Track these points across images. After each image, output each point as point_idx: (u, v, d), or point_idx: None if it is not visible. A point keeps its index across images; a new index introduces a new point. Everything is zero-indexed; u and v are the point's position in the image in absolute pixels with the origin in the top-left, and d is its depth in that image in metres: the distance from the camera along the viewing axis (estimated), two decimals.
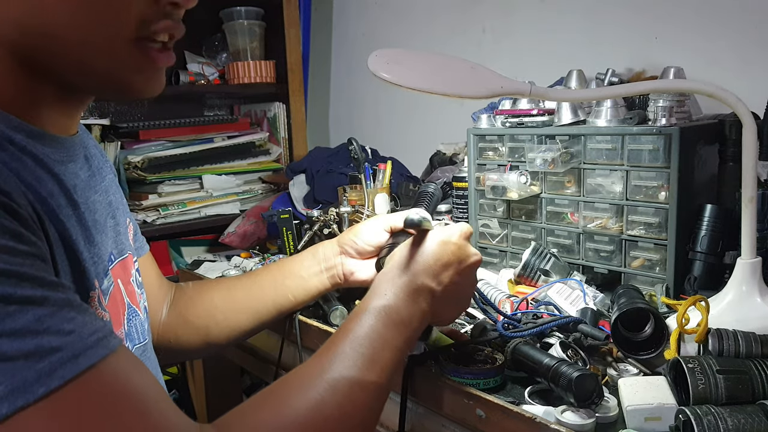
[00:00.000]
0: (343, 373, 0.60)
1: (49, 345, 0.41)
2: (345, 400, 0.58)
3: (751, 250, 0.85)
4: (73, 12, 0.53)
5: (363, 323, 0.66)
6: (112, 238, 0.71)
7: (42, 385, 0.40)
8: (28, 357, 0.40)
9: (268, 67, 2.09)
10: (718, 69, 1.35)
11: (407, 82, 0.87)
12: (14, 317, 0.41)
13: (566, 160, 1.08)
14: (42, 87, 0.57)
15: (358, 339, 0.64)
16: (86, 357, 0.43)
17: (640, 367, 0.82)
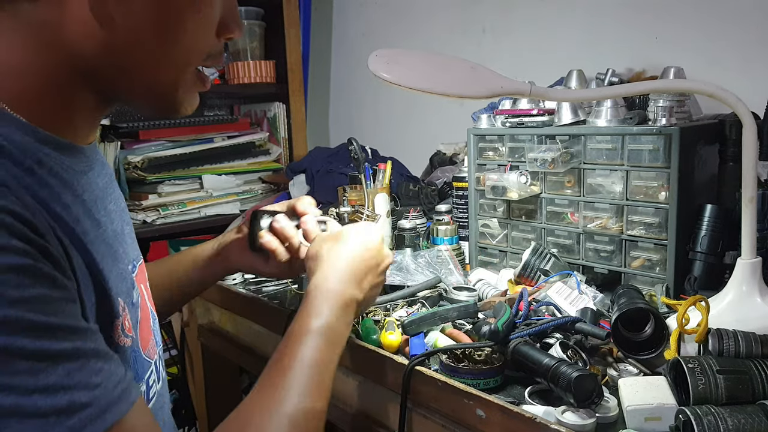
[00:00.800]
0: (299, 406, 0.63)
1: (80, 401, 0.43)
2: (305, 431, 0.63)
3: (752, 250, 0.85)
4: (156, 46, 0.58)
5: (309, 346, 0.69)
6: (130, 245, 0.72)
7: None
8: (60, 414, 0.42)
9: (268, 67, 2.09)
10: (718, 69, 1.35)
11: (407, 82, 0.87)
12: (47, 373, 0.42)
13: (566, 160, 1.08)
14: (86, 99, 0.60)
15: (307, 366, 0.67)
16: (111, 413, 0.45)
17: (641, 367, 0.82)
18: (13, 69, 0.54)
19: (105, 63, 0.57)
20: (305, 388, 0.65)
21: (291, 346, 0.68)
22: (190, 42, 0.60)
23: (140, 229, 1.79)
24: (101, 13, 0.54)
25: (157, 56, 0.59)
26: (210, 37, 0.62)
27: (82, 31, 0.55)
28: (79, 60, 0.56)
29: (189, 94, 0.64)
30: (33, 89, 0.55)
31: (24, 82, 0.55)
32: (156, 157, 1.83)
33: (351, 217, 1.36)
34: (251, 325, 1.29)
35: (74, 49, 0.55)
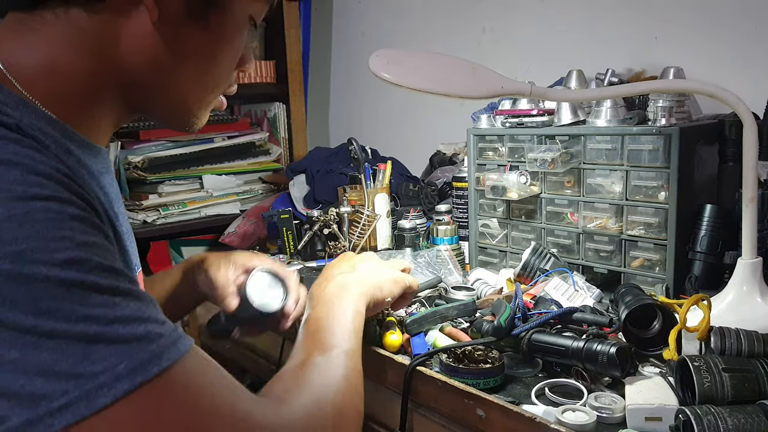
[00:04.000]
0: (345, 347, 0.72)
1: (155, 331, 0.47)
2: (349, 368, 0.70)
3: (752, 250, 0.85)
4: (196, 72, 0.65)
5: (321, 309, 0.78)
6: (133, 251, 0.74)
7: (155, 365, 0.45)
8: (140, 340, 0.45)
9: (268, 67, 2.09)
10: (718, 69, 1.35)
11: (408, 82, 0.87)
12: (122, 306, 0.46)
13: (566, 160, 1.08)
14: (115, 107, 0.63)
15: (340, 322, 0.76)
16: (182, 343, 0.49)
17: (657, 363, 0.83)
18: (53, 68, 0.57)
19: (146, 79, 0.62)
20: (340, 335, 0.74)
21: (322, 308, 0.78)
22: (222, 71, 0.68)
23: (140, 229, 1.79)
24: (160, 34, 0.59)
25: (194, 80, 0.65)
26: (233, 69, 0.70)
27: (137, 49, 0.59)
28: (121, 71, 0.60)
29: (205, 114, 0.71)
30: (69, 90, 0.58)
31: (62, 82, 0.58)
32: (156, 157, 1.83)
33: (351, 217, 1.37)
34: None
35: (121, 61, 0.60)
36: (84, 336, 0.43)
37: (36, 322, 0.42)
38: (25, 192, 0.45)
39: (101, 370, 0.43)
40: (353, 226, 1.36)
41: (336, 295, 0.80)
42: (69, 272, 0.44)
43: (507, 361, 0.85)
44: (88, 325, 0.43)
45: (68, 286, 0.43)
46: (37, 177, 0.46)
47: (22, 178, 0.45)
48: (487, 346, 0.87)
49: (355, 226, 1.36)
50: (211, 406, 0.48)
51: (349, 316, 0.77)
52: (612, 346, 0.76)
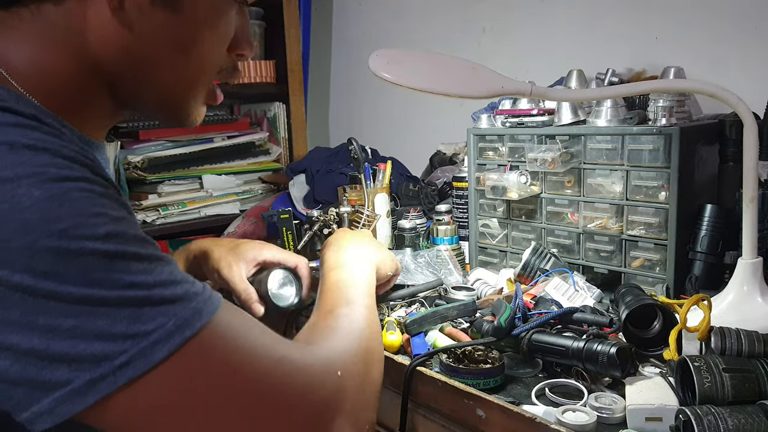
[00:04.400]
0: (364, 303, 0.78)
1: (192, 290, 0.50)
2: (375, 319, 0.77)
3: (752, 250, 0.85)
4: (172, 57, 0.61)
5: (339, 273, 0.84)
6: None
7: (198, 320, 0.49)
8: (182, 300, 0.49)
9: (268, 67, 2.09)
10: (718, 69, 1.35)
11: (408, 82, 0.87)
12: (159, 272, 0.49)
13: (566, 160, 1.08)
14: (104, 103, 0.63)
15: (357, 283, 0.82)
16: (215, 298, 0.52)
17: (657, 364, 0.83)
18: (39, 65, 0.57)
19: (122, 69, 0.60)
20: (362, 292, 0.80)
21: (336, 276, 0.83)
22: (203, 56, 0.64)
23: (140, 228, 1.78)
24: (122, 20, 0.58)
25: (171, 66, 0.62)
26: (222, 53, 0.66)
27: (103, 37, 0.58)
28: (99, 64, 0.59)
29: (199, 106, 0.67)
30: (58, 86, 0.58)
31: (50, 78, 0.58)
32: (156, 157, 1.83)
33: (351, 217, 1.36)
34: None
35: (95, 54, 0.59)
36: (132, 301, 0.47)
37: (88, 292, 0.45)
38: (57, 173, 0.47)
39: (153, 328, 0.47)
40: (353, 226, 1.36)
41: (352, 260, 0.87)
42: (110, 245, 0.47)
43: (507, 362, 0.85)
44: (135, 291, 0.47)
45: (111, 257, 0.47)
46: (64, 160, 0.48)
47: (52, 161, 0.48)
48: (487, 347, 0.87)
49: (355, 226, 1.36)
50: (252, 350, 0.52)
51: (365, 279, 0.84)
52: (612, 347, 0.76)
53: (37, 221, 0.44)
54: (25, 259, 0.44)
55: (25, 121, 0.49)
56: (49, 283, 0.44)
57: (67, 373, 0.44)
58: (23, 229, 0.44)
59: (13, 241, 0.44)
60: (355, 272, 0.85)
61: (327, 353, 0.61)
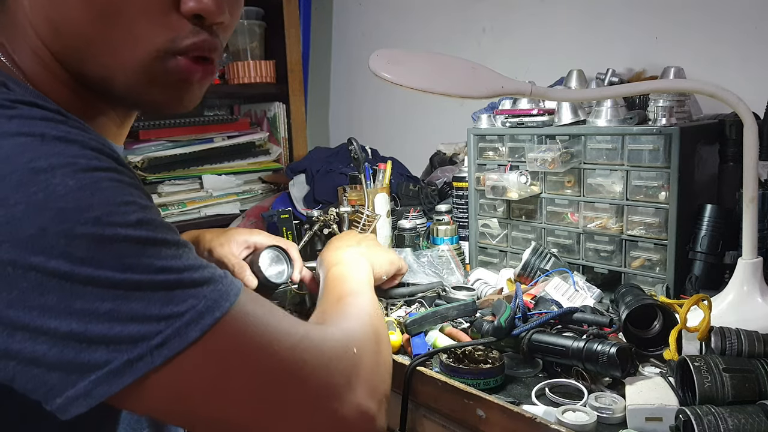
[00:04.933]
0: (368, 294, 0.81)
1: (217, 273, 0.52)
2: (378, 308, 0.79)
3: (752, 250, 0.85)
4: (94, 30, 0.54)
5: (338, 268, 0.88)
6: None
7: (225, 301, 0.51)
8: (209, 283, 0.51)
9: (268, 67, 2.09)
10: (718, 69, 1.35)
11: (408, 82, 0.87)
12: (186, 257, 0.51)
13: (566, 160, 1.08)
14: (93, 98, 0.61)
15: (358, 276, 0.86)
16: (237, 282, 0.54)
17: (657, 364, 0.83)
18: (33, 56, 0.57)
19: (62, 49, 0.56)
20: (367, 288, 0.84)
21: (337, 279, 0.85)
22: (131, 22, 0.54)
23: None
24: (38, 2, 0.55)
25: (100, 40, 0.55)
26: (164, 16, 0.55)
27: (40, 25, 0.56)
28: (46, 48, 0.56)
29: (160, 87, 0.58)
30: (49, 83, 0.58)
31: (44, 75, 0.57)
32: (156, 156, 1.83)
33: (351, 217, 1.36)
34: None
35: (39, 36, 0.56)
36: (165, 284, 0.48)
37: (123, 277, 0.46)
38: (88, 164, 0.48)
39: (185, 309, 0.48)
40: (353, 226, 1.36)
41: (352, 260, 0.91)
42: (142, 231, 0.48)
43: (507, 362, 0.85)
44: (166, 275, 0.48)
45: (144, 243, 0.48)
46: (93, 152, 0.49)
47: (82, 153, 0.48)
48: (488, 347, 0.87)
49: (355, 226, 1.36)
50: (276, 328, 0.54)
51: (365, 276, 0.88)
52: (612, 347, 0.76)
53: (72, 210, 0.46)
54: (62, 246, 0.45)
55: (52, 115, 0.50)
56: (86, 269, 0.45)
57: (105, 355, 0.46)
58: (59, 217, 0.45)
59: (50, 229, 0.45)
60: (355, 270, 0.88)
61: (342, 332, 0.63)
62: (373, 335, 0.68)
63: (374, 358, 0.64)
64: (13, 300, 0.44)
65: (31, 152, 0.46)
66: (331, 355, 0.57)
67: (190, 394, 0.49)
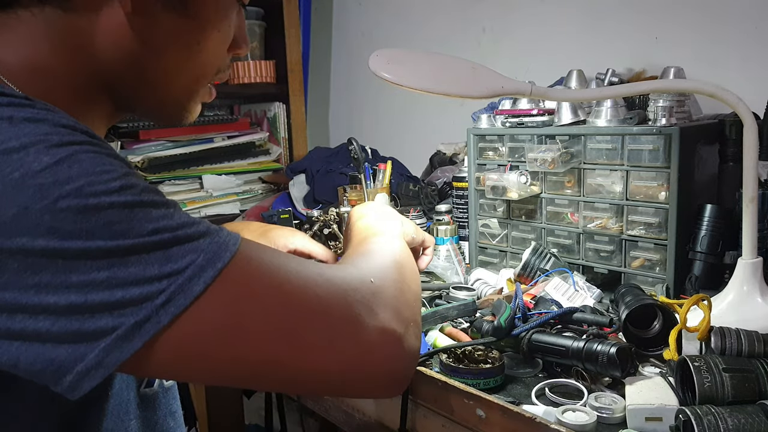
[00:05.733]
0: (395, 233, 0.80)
1: (213, 228, 0.52)
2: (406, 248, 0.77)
3: (752, 250, 0.85)
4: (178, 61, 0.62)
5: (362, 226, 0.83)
6: None
7: (226, 251, 0.50)
8: (205, 236, 0.50)
9: (268, 67, 2.09)
10: (718, 69, 1.35)
11: (408, 82, 0.87)
12: (178, 215, 0.50)
13: (566, 160, 1.08)
14: (102, 106, 0.63)
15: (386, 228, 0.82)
16: (235, 234, 0.53)
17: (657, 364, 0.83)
18: (36, 67, 0.57)
19: (127, 72, 0.61)
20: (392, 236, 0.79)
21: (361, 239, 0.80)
22: (208, 58, 0.65)
23: None
24: (133, 24, 0.58)
25: (177, 70, 0.63)
26: (224, 53, 0.67)
27: (112, 41, 0.58)
28: (102, 67, 0.59)
29: (197, 105, 0.68)
30: (53, 88, 0.58)
31: (46, 80, 0.58)
32: (156, 157, 1.83)
33: None
34: None
35: (100, 57, 0.59)
36: (160, 244, 0.48)
37: (115, 244, 0.46)
38: (61, 140, 0.48)
39: (185, 265, 0.48)
40: None
41: (378, 213, 0.87)
42: (127, 196, 0.48)
43: (507, 362, 0.85)
44: (159, 235, 0.48)
45: (131, 207, 0.48)
46: (65, 129, 0.49)
47: (54, 130, 0.48)
48: (488, 346, 0.87)
49: None
50: (285, 268, 0.54)
51: (391, 226, 0.83)
52: (612, 346, 0.76)
53: (51, 184, 0.45)
54: (47, 222, 0.44)
55: (18, 101, 0.50)
56: (76, 242, 0.45)
57: (111, 321, 0.45)
58: (39, 193, 0.44)
59: (32, 207, 0.44)
60: (380, 220, 0.85)
61: (358, 268, 0.63)
62: (393, 266, 0.67)
63: (397, 287, 0.64)
64: (6, 283, 0.44)
65: (1, 135, 0.46)
66: (346, 287, 0.57)
67: (205, 347, 0.49)
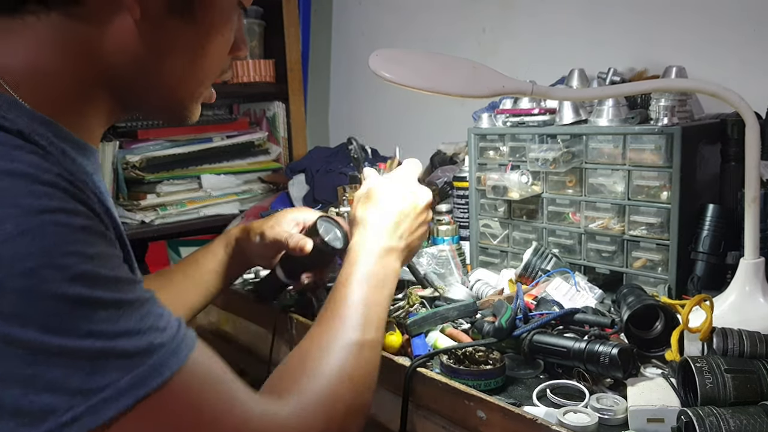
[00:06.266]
0: (353, 337, 0.71)
1: (157, 341, 0.48)
2: (359, 360, 0.70)
3: (755, 250, 0.85)
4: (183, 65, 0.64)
5: (354, 290, 0.77)
6: None
7: (155, 378, 0.47)
8: (142, 354, 0.47)
9: (268, 66, 2.09)
10: (720, 68, 1.34)
11: (408, 81, 0.87)
12: (125, 319, 0.47)
13: (567, 159, 1.07)
14: (105, 106, 0.63)
15: (355, 304, 0.75)
16: (182, 350, 0.50)
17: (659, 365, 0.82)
18: (39, 70, 0.57)
19: (133, 76, 0.61)
20: (356, 322, 0.73)
21: (338, 293, 0.77)
22: (212, 62, 0.66)
23: (138, 229, 1.78)
24: (141, 30, 0.59)
25: (181, 73, 0.64)
26: (226, 56, 0.68)
27: (119, 47, 0.59)
28: (108, 71, 0.60)
29: (198, 106, 0.70)
30: (56, 92, 0.58)
31: (49, 84, 0.58)
32: (154, 156, 1.83)
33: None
34: (250, 325, 1.28)
35: (106, 62, 0.59)
36: (90, 352, 0.45)
37: (47, 340, 0.43)
38: (32, 205, 0.45)
39: (106, 384, 0.45)
40: None
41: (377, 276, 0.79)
42: (77, 288, 0.45)
43: (508, 363, 0.85)
44: (94, 341, 0.45)
45: (76, 302, 0.45)
46: (44, 187, 0.47)
47: (29, 190, 0.46)
48: (488, 347, 0.87)
49: None
50: (209, 413, 0.50)
51: (384, 305, 0.79)
52: (614, 347, 0.76)
53: (8, 258, 0.43)
54: None
55: (7, 139, 0.48)
56: (9, 328, 0.42)
57: (12, 428, 0.43)
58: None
59: None
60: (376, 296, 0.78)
61: (289, 413, 0.59)
62: (346, 386, 0.65)
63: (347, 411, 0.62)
64: None
65: None
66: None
67: None
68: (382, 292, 0.79)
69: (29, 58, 0.57)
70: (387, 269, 0.82)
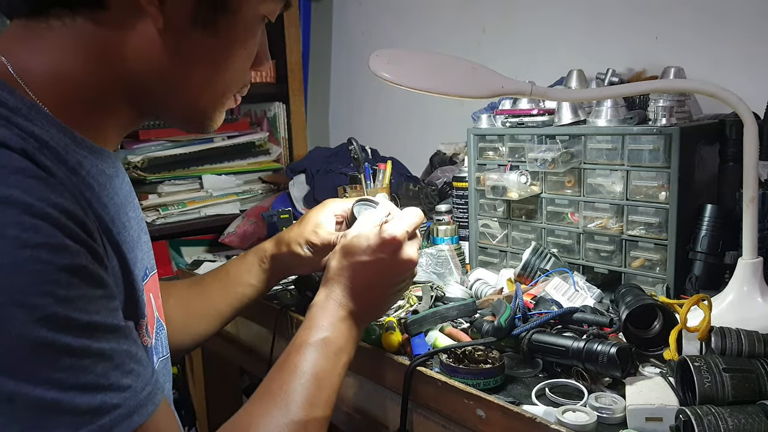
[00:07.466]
0: (299, 414, 0.66)
1: (111, 402, 0.46)
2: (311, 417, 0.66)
3: (753, 250, 0.85)
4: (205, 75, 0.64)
5: (307, 358, 0.71)
6: (146, 253, 0.73)
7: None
8: (93, 413, 0.44)
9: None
10: (718, 69, 1.35)
11: (408, 82, 0.87)
12: (87, 371, 0.45)
13: (566, 160, 1.08)
14: (124, 111, 0.63)
15: (305, 376, 0.70)
16: (139, 415, 0.48)
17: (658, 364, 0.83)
18: (61, 75, 0.57)
19: (154, 84, 0.61)
20: (304, 398, 0.67)
21: (290, 358, 0.72)
22: (234, 74, 0.67)
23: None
24: (164, 40, 0.59)
25: (203, 84, 0.64)
26: (248, 68, 0.69)
27: (141, 55, 0.59)
28: (129, 78, 0.60)
29: (221, 115, 0.70)
30: (77, 96, 0.58)
31: (70, 88, 0.58)
32: (156, 156, 1.83)
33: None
34: (251, 325, 1.29)
35: (127, 68, 0.59)
36: (38, 403, 0.43)
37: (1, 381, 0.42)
38: (16, 238, 0.44)
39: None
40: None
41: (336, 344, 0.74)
42: (42, 331, 0.43)
43: (507, 362, 0.85)
44: (47, 390, 0.43)
45: (38, 346, 0.43)
46: (33, 219, 0.45)
47: (17, 221, 0.44)
48: (488, 347, 0.87)
49: None
50: None
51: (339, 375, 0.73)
52: (612, 347, 0.76)
53: None
54: None
55: (9, 160, 0.47)
56: None
57: None
58: None
59: None
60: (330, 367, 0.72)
61: None
62: None
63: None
64: None
65: None
66: None
67: None
68: (337, 362, 0.73)
69: (52, 61, 0.57)
70: (347, 336, 0.76)
